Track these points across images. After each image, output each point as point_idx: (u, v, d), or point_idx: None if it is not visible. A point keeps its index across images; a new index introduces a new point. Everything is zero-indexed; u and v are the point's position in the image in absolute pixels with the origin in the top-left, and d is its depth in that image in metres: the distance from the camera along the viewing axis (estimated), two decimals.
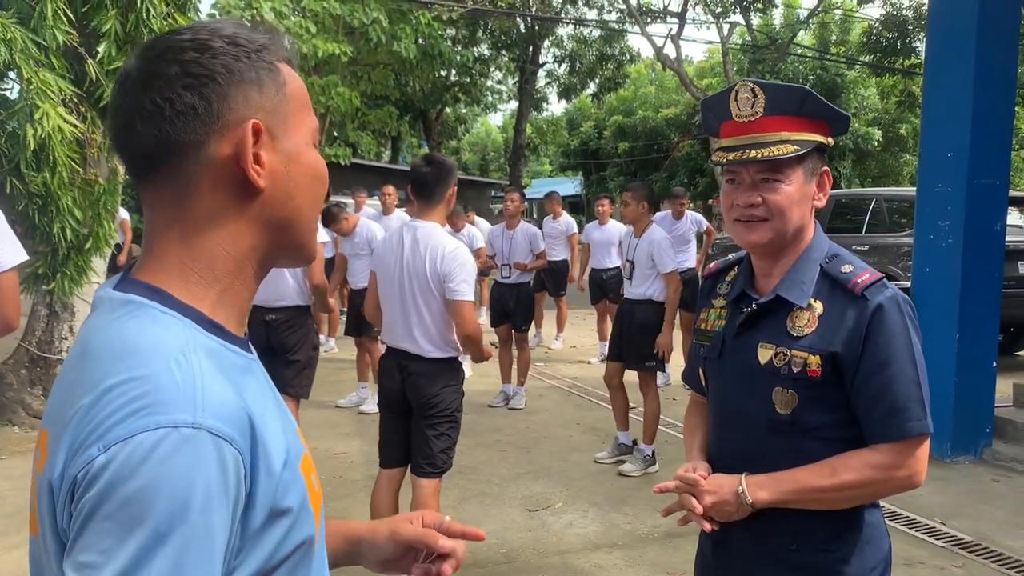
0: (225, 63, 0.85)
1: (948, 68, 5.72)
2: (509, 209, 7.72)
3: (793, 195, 1.61)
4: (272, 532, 0.80)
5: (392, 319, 3.58)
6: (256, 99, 0.87)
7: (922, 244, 5.92)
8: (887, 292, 1.57)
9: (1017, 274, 8.09)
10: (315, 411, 6.57)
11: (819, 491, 1.56)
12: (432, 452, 3.48)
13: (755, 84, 1.62)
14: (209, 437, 0.74)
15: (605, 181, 32.07)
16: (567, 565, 4.00)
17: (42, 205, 3.95)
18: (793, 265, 1.65)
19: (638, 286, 5.53)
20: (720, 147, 1.66)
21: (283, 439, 0.84)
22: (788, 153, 1.58)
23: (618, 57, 28.71)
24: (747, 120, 1.62)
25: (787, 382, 1.59)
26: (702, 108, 1.79)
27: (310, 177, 0.93)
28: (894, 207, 9.62)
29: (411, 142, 32.63)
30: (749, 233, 1.63)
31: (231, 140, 0.85)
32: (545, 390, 7.83)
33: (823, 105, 1.62)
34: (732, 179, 1.65)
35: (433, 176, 3.49)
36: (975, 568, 3.98)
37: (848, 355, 1.55)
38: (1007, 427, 5.97)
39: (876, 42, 21.81)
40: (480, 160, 51.66)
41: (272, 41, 0.90)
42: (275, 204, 0.89)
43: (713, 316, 1.78)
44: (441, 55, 18.38)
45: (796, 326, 1.60)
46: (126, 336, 0.80)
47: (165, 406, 0.73)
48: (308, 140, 0.92)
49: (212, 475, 0.73)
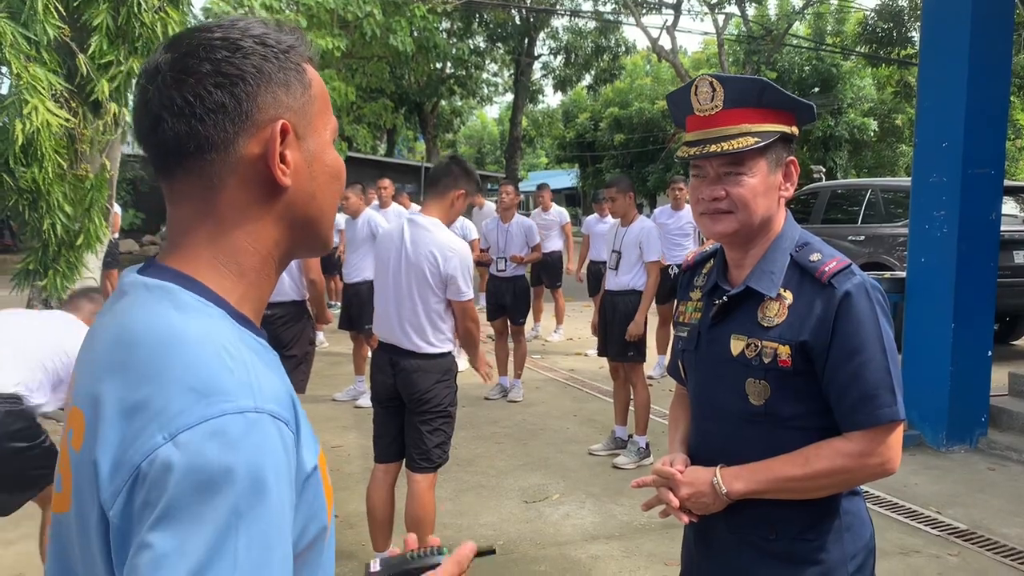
0: (255, 63, 0.87)
1: (943, 58, 5.71)
2: (504, 202, 7.70)
3: (756, 187, 1.61)
4: (299, 515, 0.82)
5: (384, 311, 3.58)
6: (284, 99, 0.89)
7: (917, 234, 5.92)
8: (854, 279, 1.57)
9: (1012, 263, 8.10)
10: (312, 405, 6.56)
11: (793, 480, 1.57)
12: (427, 447, 3.47)
13: (713, 78, 1.63)
14: (271, 420, 0.77)
15: (601, 173, 32.05)
16: (564, 556, 4.00)
17: (32, 200, 3.93)
18: (763, 255, 1.66)
19: (623, 275, 5.54)
20: (685, 141, 1.68)
21: (310, 431, 0.87)
22: (749, 145, 1.58)
23: (614, 49, 28.67)
24: (708, 114, 1.63)
25: (759, 373, 1.60)
26: (668, 103, 1.79)
27: (331, 176, 0.95)
28: (889, 197, 9.61)
29: (407, 135, 32.60)
30: (714, 225, 1.65)
31: (259, 139, 0.87)
32: (542, 382, 7.83)
33: (783, 96, 1.63)
34: (697, 173, 1.66)
35: (442, 171, 3.55)
36: (971, 556, 3.99)
37: (817, 344, 1.56)
38: (1002, 416, 5.99)
39: (871, 32, 21.81)
40: (476, 153, 51.63)
41: (298, 42, 0.92)
42: (299, 202, 0.91)
43: (690, 308, 1.79)
44: (436, 47, 18.33)
45: (766, 316, 1.61)
46: (173, 325, 0.81)
47: (226, 394, 0.76)
48: (330, 139, 0.95)
49: (279, 455, 0.76)
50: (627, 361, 5.51)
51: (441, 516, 4.28)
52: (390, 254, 3.56)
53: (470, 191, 3.57)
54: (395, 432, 3.58)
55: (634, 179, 23.42)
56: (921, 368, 5.76)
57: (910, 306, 5.94)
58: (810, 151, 24.37)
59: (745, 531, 1.66)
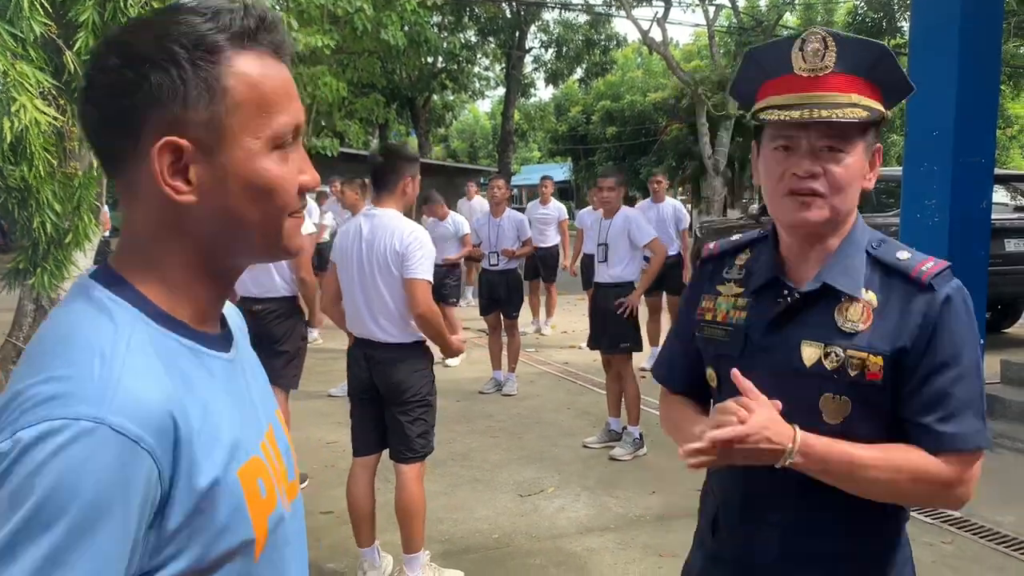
0: (143, 73, 0.81)
1: (933, 47, 5.71)
2: (495, 196, 7.70)
3: (855, 169, 1.39)
4: (197, 536, 0.79)
5: (354, 307, 3.59)
6: (179, 113, 0.82)
7: (909, 223, 5.92)
8: (954, 283, 1.38)
9: (1003, 252, 8.12)
10: (307, 401, 6.55)
11: (870, 472, 1.33)
12: (409, 438, 3.48)
13: (828, 34, 1.38)
14: (111, 434, 0.73)
15: (594, 166, 32.05)
16: (559, 549, 4.00)
17: (21, 199, 3.91)
18: (838, 249, 1.43)
19: (614, 267, 5.55)
20: (771, 105, 1.40)
21: (225, 441, 0.83)
22: (860, 118, 1.34)
23: (605, 42, 28.63)
24: (814, 75, 1.37)
25: (840, 387, 1.36)
26: (745, 61, 1.50)
27: (258, 191, 0.86)
28: (881, 187, 9.62)
29: (399, 130, 32.52)
30: (805, 211, 1.38)
31: (151, 155, 0.83)
32: (536, 376, 7.84)
33: (898, 70, 1.40)
34: (786, 145, 1.39)
35: (385, 167, 3.54)
36: (964, 544, 4.00)
37: (913, 354, 1.34)
38: (995, 404, 6.00)
39: (861, 22, 21.83)
40: (468, 147, 51.53)
41: (207, 39, 0.83)
42: (211, 218, 0.86)
43: (725, 306, 1.53)
44: (427, 42, 18.27)
45: (848, 320, 1.38)
46: (66, 326, 0.81)
47: (74, 399, 0.73)
48: (265, 147, 0.86)
49: (107, 472, 0.72)
50: (619, 353, 5.52)
51: (436, 510, 4.29)
52: (351, 251, 3.58)
53: (414, 173, 3.57)
54: (372, 424, 3.59)
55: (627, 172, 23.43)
56: None
57: None
58: None
59: (800, 568, 1.44)
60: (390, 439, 3.56)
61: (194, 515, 0.79)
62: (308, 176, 0.91)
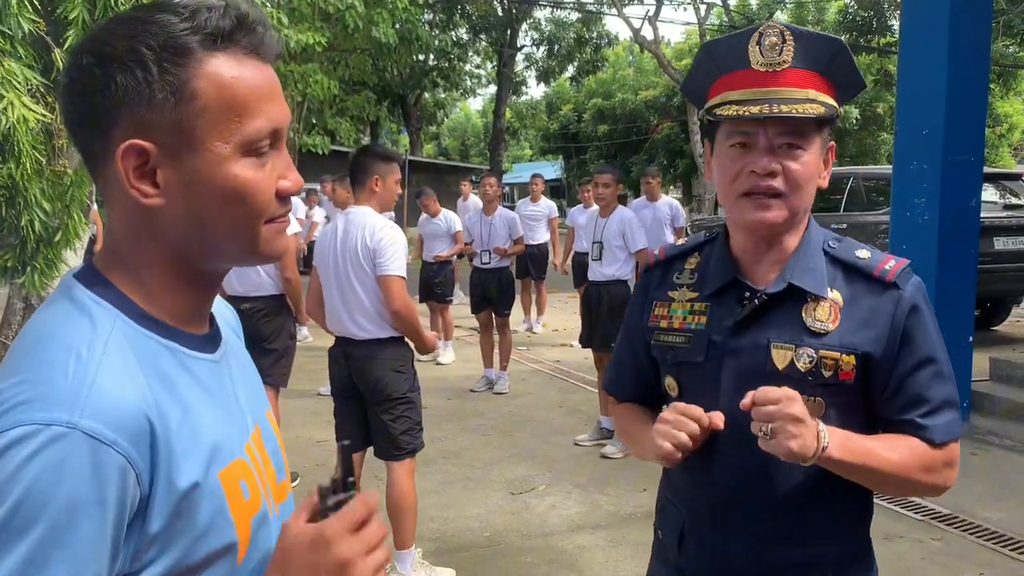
0: (112, 74, 0.80)
1: (923, 46, 5.74)
2: (488, 194, 7.69)
3: (812, 167, 1.35)
4: (178, 538, 0.79)
5: (333, 306, 3.63)
6: (145, 115, 0.81)
7: (899, 221, 5.95)
8: (915, 278, 1.38)
9: (992, 250, 8.15)
10: (296, 399, 6.54)
11: (883, 464, 1.32)
12: (394, 436, 3.50)
13: (785, 28, 1.34)
14: (83, 438, 0.72)
15: (585, 164, 32.07)
16: (551, 547, 4.01)
17: (9, 197, 3.90)
18: (797, 249, 1.40)
19: (607, 266, 5.55)
20: (728, 100, 1.36)
21: (206, 443, 0.83)
22: (819, 114, 1.31)
23: (596, 40, 28.66)
24: (771, 69, 1.33)
25: (814, 389, 1.34)
26: (700, 55, 1.46)
27: (225, 197, 0.84)
28: (871, 185, 9.66)
29: (390, 128, 32.48)
30: (763, 211, 1.34)
31: (116, 156, 0.82)
32: (528, 374, 7.84)
33: (852, 65, 1.37)
34: (744, 142, 1.35)
35: (355, 165, 3.60)
36: (953, 540, 4.03)
37: (884, 352, 1.34)
38: (984, 401, 6.04)
39: (852, 21, 21.90)
40: (460, 145, 51.51)
41: (178, 41, 0.81)
42: (179, 222, 0.85)
43: (681, 312, 1.48)
44: (419, 39, 18.26)
45: (816, 320, 1.35)
46: (44, 326, 0.81)
47: (47, 402, 0.73)
48: (234, 151, 0.83)
49: (81, 476, 0.71)
50: (610, 352, 5.51)
51: (427, 508, 4.29)
52: (327, 250, 3.63)
53: (383, 172, 3.57)
54: (355, 422, 3.61)
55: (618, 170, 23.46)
56: None
57: None
58: None
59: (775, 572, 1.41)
60: (375, 438, 3.57)
61: (175, 517, 0.78)
62: (289, 181, 0.88)
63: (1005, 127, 26.67)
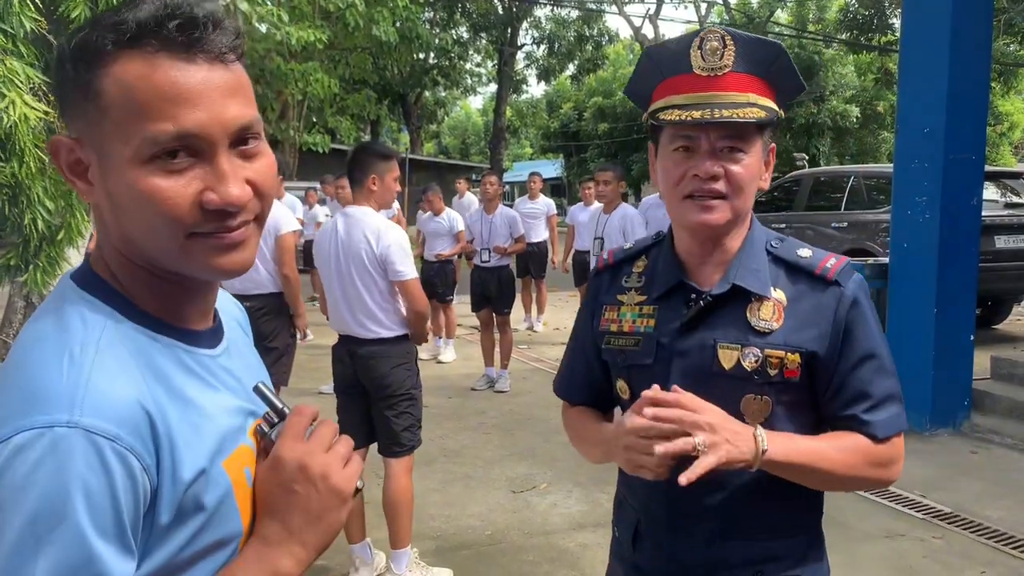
0: (55, 72, 0.84)
1: (924, 44, 5.74)
2: (488, 193, 7.69)
3: (754, 169, 1.38)
4: (182, 529, 0.79)
5: (335, 305, 3.62)
6: (70, 112, 0.83)
7: (900, 220, 5.95)
8: (856, 276, 1.41)
9: (993, 248, 8.16)
10: (297, 398, 6.54)
11: (826, 463, 1.34)
12: (395, 432, 3.51)
13: (726, 32, 1.36)
14: (86, 436, 0.72)
15: (586, 163, 32.08)
16: (552, 545, 4.01)
17: (12, 195, 3.91)
18: (740, 250, 1.43)
19: None
20: (671, 104, 1.37)
21: (208, 434, 0.83)
22: (759, 118, 1.33)
23: (596, 38, 28.65)
24: (712, 74, 1.35)
25: (761, 387, 1.37)
26: (642, 60, 1.46)
27: (131, 200, 0.80)
28: (872, 184, 9.67)
29: (391, 126, 32.48)
30: (707, 214, 1.36)
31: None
32: (529, 372, 7.84)
33: (792, 69, 1.40)
34: (686, 146, 1.37)
35: (353, 164, 3.58)
36: (954, 538, 4.03)
37: (828, 350, 1.37)
38: (985, 399, 6.04)
39: (852, 19, 21.91)
40: (460, 144, 51.51)
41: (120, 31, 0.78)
42: (113, 221, 0.84)
43: (630, 315, 1.49)
44: (419, 38, 18.27)
45: (761, 320, 1.38)
46: (38, 331, 0.81)
47: (44, 404, 0.73)
48: (135, 155, 0.79)
49: (90, 476, 0.71)
50: None
51: (428, 507, 4.29)
52: (329, 249, 3.62)
53: (381, 171, 3.56)
54: (358, 419, 3.60)
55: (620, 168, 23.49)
56: (904, 353, 5.79)
57: (893, 291, 5.98)
58: (793, 138, 24.46)
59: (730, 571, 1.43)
60: (378, 435, 3.58)
61: (182, 508, 0.79)
62: (216, 194, 0.80)
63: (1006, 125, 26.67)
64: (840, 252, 6.45)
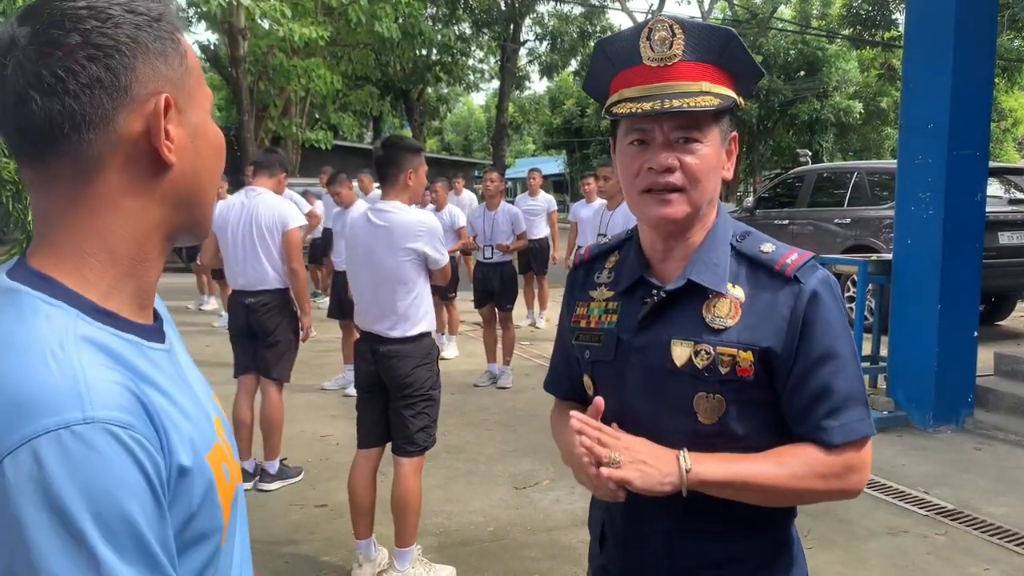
0: (128, 32, 0.80)
1: (927, 40, 5.72)
2: (489, 189, 7.68)
3: (711, 159, 1.34)
4: (172, 519, 0.78)
5: (361, 300, 3.61)
6: (163, 71, 0.83)
7: (903, 216, 5.94)
8: (819, 273, 1.35)
9: (997, 244, 8.15)
10: (300, 394, 6.55)
11: (766, 481, 1.30)
12: (411, 432, 3.49)
13: (674, 21, 1.33)
14: (105, 429, 0.70)
15: (588, 159, 32.04)
16: (554, 542, 4.01)
17: (16, 192, 3.91)
18: (701, 244, 1.39)
19: None
20: (624, 98, 1.35)
21: (189, 428, 0.82)
22: (714, 106, 1.30)
23: (599, 34, 28.58)
24: (662, 65, 1.32)
25: (713, 386, 1.33)
26: (594, 54, 1.44)
27: (214, 152, 0.91)
28: (875, 180, 9.65)
29: (393, 123, 32.46)
30: (664, 208, 1.34)
31: (140, 114, 0.81)
32: (531, 368, 7.84)
33: (746, 55, 1.35)
34: (641, 139, 1.35)
35: (385, 159, 3.55)
36: (958, 535, 4.03)
37: (784, 348, 1.31)
38: (988, 396, 6.04)
39: (856, 15, 21.86)
40: (463, 140, 51.49)
41: (167, 10, 0.85)
42: (183, 180, 0.87)
43: (597, 311, 1.48)
44: (421, 34, 18.26)
45: (716, 317, 1.34)
46: (4, 333, 0.75)
47: (45, 408, 0.69)
48: (209, 112, 0.91)
49: (120, 468, 0.70)
50: None
51: (431, 503, 4.29)
52: (359, 245, 3.60)
53: (416, 165, 3.57)
54: (377, 418, 3.60)
55: None
56: (907, 349, 5.80)
57: (896, 288, 5.97)
58: (796, 134, 24.43)
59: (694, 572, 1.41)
60: (393, 433, 3.56)
61: (175, 499, 0.78)
62: None
63: (1010, 121, 26.62)
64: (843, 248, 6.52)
